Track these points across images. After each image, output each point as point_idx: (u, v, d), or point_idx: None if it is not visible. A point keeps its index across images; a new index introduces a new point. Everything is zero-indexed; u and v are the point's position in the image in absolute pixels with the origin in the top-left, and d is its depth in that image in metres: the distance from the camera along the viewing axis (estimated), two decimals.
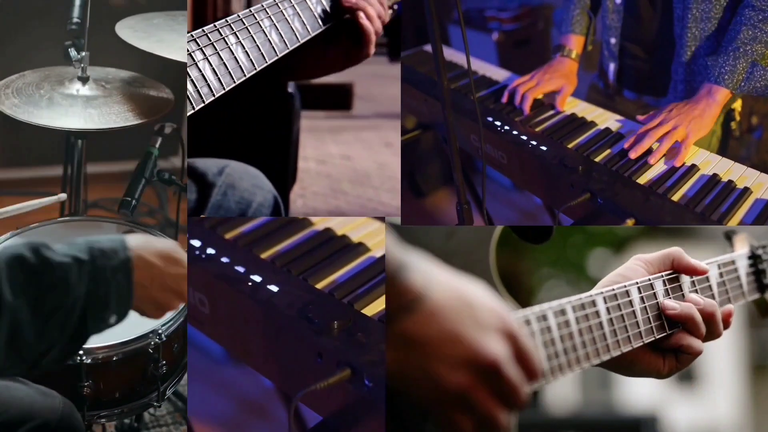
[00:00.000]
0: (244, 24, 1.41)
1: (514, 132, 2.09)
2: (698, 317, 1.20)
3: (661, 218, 1.67)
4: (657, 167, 1.85)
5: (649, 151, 1.88)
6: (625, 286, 1.15)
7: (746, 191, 1.76)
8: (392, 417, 0.93)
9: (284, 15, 1.49)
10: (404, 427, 0.96)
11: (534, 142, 2.02)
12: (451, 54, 2.66)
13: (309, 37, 1.59)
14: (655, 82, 2.25)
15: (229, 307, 1.49)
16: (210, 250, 1.57)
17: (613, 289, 1.13)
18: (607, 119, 2.13)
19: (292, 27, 1.50)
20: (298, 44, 1.53)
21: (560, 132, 2.07)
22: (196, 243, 1.58)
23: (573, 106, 2.23)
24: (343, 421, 1.31)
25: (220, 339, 1.55)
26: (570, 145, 2.00)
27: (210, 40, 1.35)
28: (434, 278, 0.87)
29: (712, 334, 1.24)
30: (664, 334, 1.19)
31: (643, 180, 1.81)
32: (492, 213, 2.45)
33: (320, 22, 1.63)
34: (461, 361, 0.85)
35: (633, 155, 1.87)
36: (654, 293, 1.19)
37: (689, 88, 2.08)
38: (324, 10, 1.64)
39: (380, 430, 1.21)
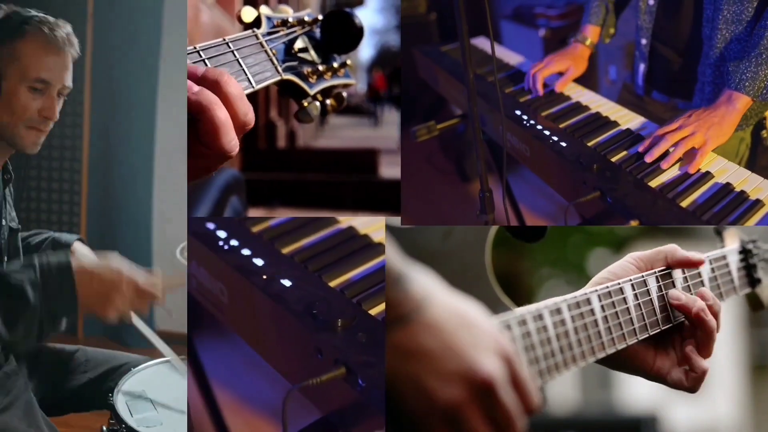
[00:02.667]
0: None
1: (539, 126, 2.06)
2: (706, 310, 1.15)
3: (665, 223, 1.61)
4: (671, 171, 1.78)
5: (665, 155, 1.80)
6: (619, 284, 1.11)
7: (758, 203, 1.68)
8: (393, 425, 0.90)
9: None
10: None
11: (555, 138, 1.98)
12: (498, 49, 2.65)
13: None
14: (683, 85, 2.17)
15: (244, 297, 1.48)
16: (233, 242, 1.55)
17: (608, 287, 1.08)
18: (630, 120, 2.06)
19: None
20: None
21: (582, 130, 2.02)
22: (222, 234, 1.57)
23: (599, 105, 2.18)
24: (340, 419, 1.29)
25: (236, 327, 1.54)
26: (590, 143, 1.95)
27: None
28: (434, 293, 0.83)
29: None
30: (658, 330, 1.15)
31: (655, 183, 1.74)
32: (529, 204, 2.43)
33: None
34: (456, 375, 0.80)
35: (648, 159, 1.80)
36: (647, 290, 1.15)
37: (717, 90, 1.98)
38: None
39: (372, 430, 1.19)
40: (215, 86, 1.02)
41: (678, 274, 1.20)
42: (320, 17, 1.32)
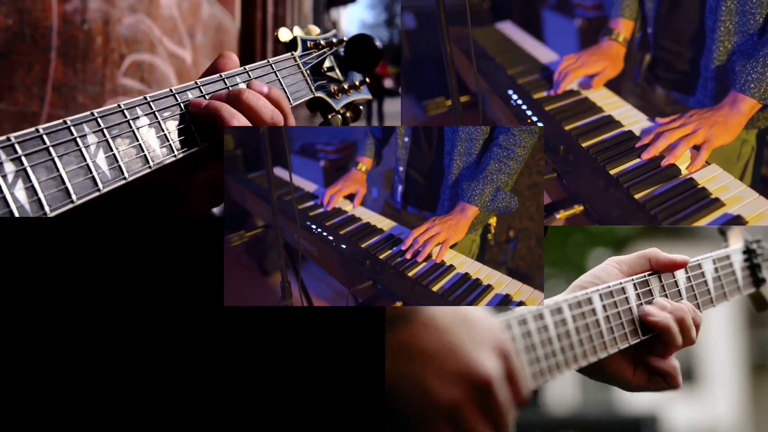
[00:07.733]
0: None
1: (324, 233, 2.23)
2: (675, 327, 1.10)
3: (609, 212, 1.47)
4: (634, 159, 1.62)
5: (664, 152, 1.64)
6: (621, 283, 1.08)
7: (716, 202, 1.50)
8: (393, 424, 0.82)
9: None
10: None
11: (336, 242, 2.16)
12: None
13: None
14: (684, 78, 1.97)
15: None
16: None
17: (609, 286, 1.06)
18: (617, 107, 1.90)
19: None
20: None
21: (564, 113, 1.88)
22: None
23: (589, 91, 2.02)
24: None
25: None
26: (567, 128, 1.80)
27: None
28: None
29: (685, 339, 1.12)
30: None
31: (616, 171, 1.59)
32: (311, 288, 2.52)
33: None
34: (455, 375, 0.76)
35: (645, 156, 1.62)
36: (650, 290, 1.11)
37: (721, 86, 1.78)
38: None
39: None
40: (237, 101, 1.11)
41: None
42: (345, 39, 1.43)
